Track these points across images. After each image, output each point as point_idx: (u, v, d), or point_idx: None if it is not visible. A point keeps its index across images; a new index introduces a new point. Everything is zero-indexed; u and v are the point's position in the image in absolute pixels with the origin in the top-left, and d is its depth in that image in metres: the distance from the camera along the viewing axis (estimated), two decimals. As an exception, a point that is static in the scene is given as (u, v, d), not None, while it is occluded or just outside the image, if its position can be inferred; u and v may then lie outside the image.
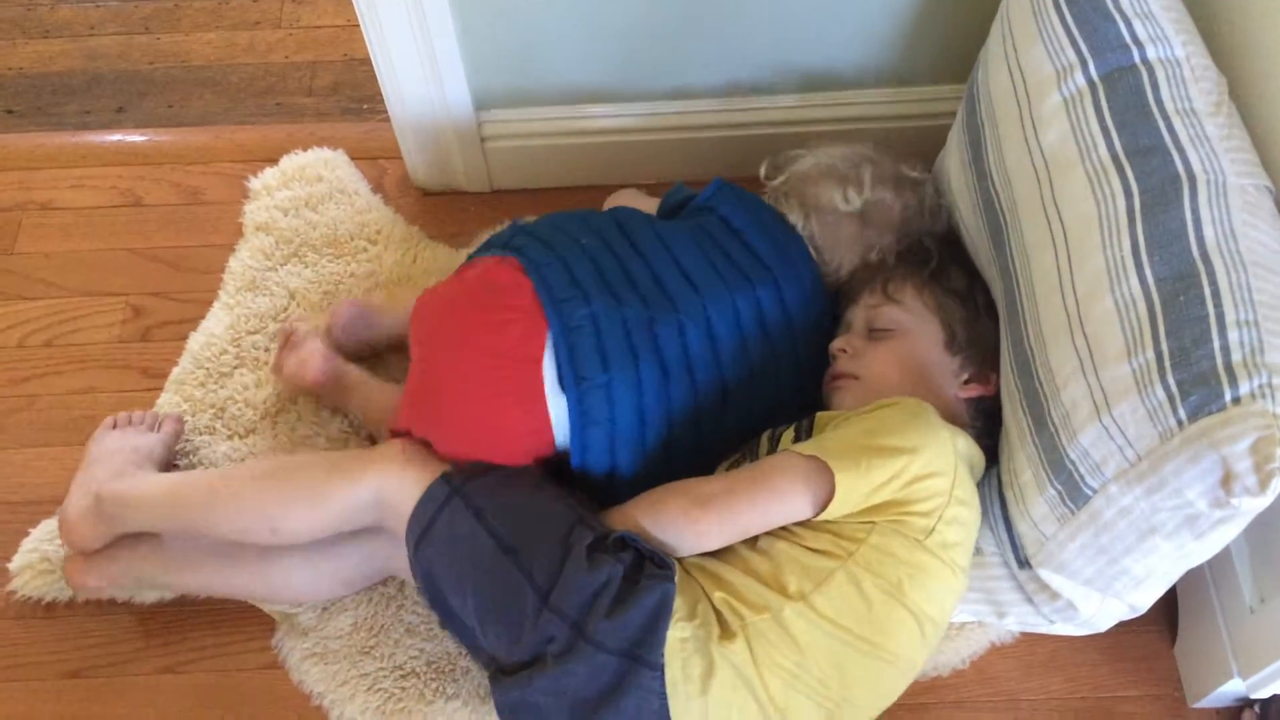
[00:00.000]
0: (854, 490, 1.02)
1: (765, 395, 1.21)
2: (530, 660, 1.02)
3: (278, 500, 1.15)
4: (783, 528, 1.06)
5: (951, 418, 1.14)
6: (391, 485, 1.12)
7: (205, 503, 1.18)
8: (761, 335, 1.20)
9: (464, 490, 1.10)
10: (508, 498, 1.10)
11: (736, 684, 0.98)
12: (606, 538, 1.04)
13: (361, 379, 1.34)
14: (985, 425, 1.18)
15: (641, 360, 1.14)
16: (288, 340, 1.37)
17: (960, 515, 1.06)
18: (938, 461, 1.04)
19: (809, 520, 1.05)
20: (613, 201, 1.47)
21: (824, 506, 1.02)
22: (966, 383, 1.19)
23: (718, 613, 1.01)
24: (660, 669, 0.97)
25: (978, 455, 1.14)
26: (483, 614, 1.06)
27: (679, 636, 0.99)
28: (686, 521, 1.06)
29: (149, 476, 1.25)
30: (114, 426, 1.32)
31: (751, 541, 1.07)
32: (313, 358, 1.33)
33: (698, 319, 1.17)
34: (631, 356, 1.13)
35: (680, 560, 1.06)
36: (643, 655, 0.97)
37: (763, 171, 1.37)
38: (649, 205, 1.39)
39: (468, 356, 1.14)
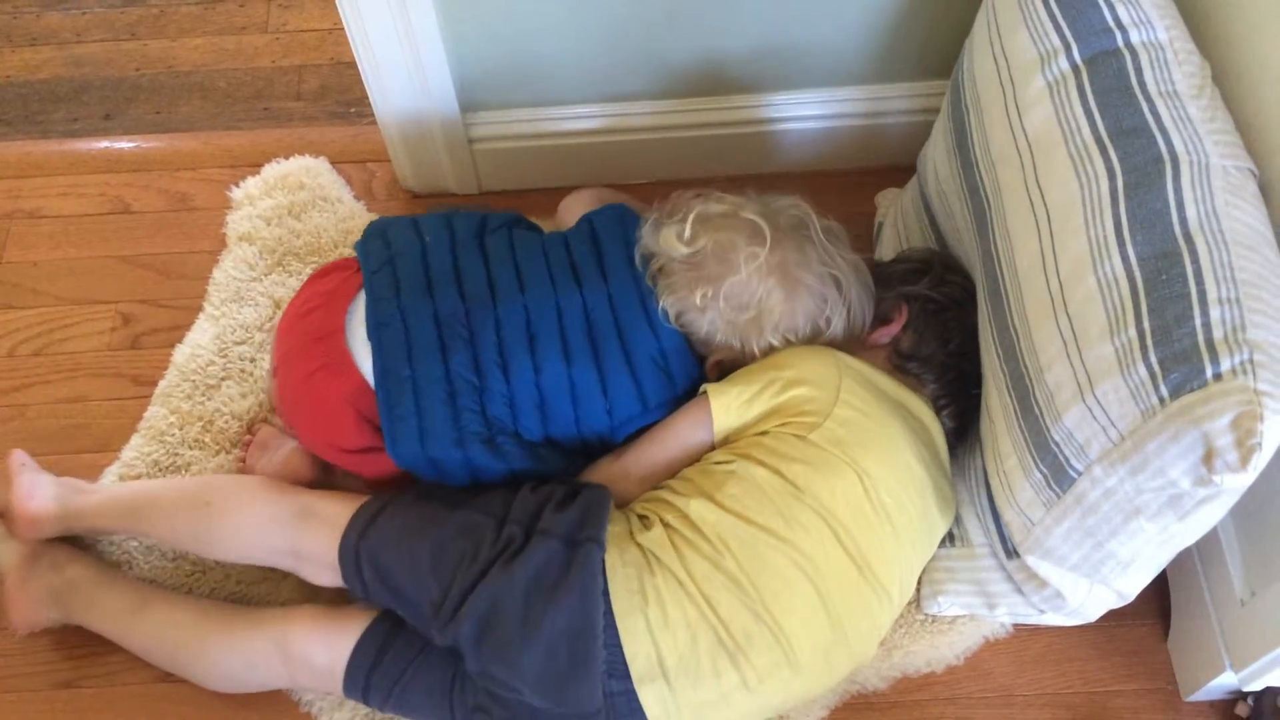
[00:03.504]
0: (727, 399, 1.13)
1: (590, 408, 1.17)
2: (484, 570, 1.06)
3: (219, 485, 1.24)
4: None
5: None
6: (322, 500, 1.18)
7: (157, 487, 1.26)
8: (586, 341, 1.17)
9: (408, 489, 1.18)
10: (445, 487, 1.18)
11: (664, 573, 1.05)
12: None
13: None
14: (918, 368, 1.20)
15: (450, 350, 1.15)
16: (255, 440, 1.37)
17: (852, 418, 1.10)
18: (813, 372, 1.13)
19: (714, 445, 1.16)
20: (569, 201, 1.44)
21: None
22: (873, 331, 1.23)
23: (641, 516, 1.11)
24: (603, 546, 1.05)
25: (885, 380, 1.17)
26: (437, 557, 1.09)
27: (614, 531, 1.08)
28: (607, 473, 1.18)
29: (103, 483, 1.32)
30: None
31: (674, 477, 1.17)
32: (296, 460, 1.30)
33: (515, 314, 1.17)
34: (439, 349, 1.15)
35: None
36: (586, 535, 1.06)
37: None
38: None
39: (289, 353, 1.22)
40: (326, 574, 1.15)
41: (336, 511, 1.15)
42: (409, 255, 1.22)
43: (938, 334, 1.21)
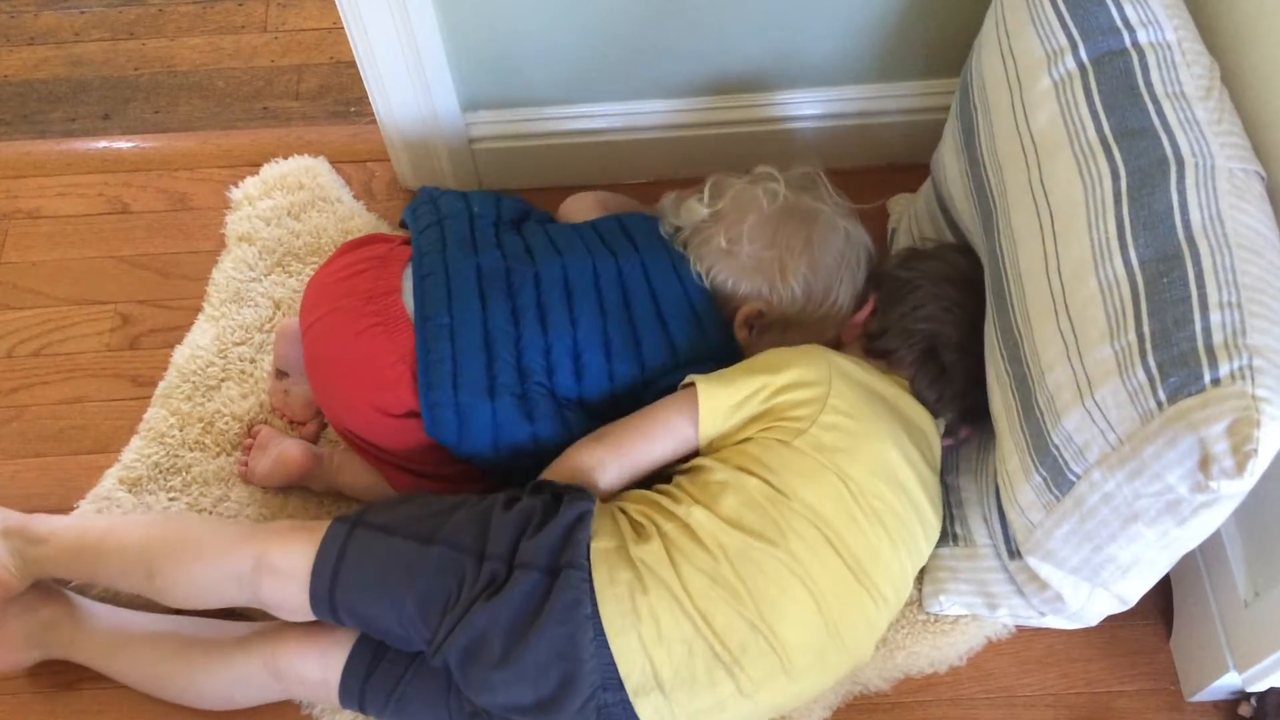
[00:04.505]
0: (717, 400, 1.11)
1: (625, 361, 1.20)
2: (469, 604, 1.04)
3: (160, 541, 1.16)
4: (682, 463, 1.15)
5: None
6: (274, 549, 1.10)
7: (100, 541, 1.18)
8: (621, 298, 1.22)
9: (363, 519, 1.11)
10: (409, 508, 1.12)
11: (660, 590, 1.03)
12: (520, 494, 1.11)
13: (346, 456, 1.32)
14: (886, 343, 1.20)
15: (490, 302, 1.18)
16: (256, 442, 1.35)
17: (838, 423, 1.10)
18: (808, 374, 1.12)
19: (699, 449, 1.14)
20: (571, 204, 1.47)
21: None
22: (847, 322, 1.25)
23: (636, 524, 1.08)
24: (586, 570, 1.03)
25: (877, 381, 1.16)
26: (422, 603, 1.05)
27: (603, 547, 1.05)
28: (586, 456, 1.14)
29: (53, 517, 1.24)
30: None
31: (663, 480, 1.15)
32: (290, 451, 1.31)
33: (553, 271, 1.22)
34: (479, 299, 1.19)
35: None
36: (566, 561, 1.03)
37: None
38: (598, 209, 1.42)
39: (334, 312, 1.20)
40: (298, 616, 1.12)
41: (293, 562, 1.09)
42: (457, 219, 1.27)
43: (900, 305, 1.21)
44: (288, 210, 1.57)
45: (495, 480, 1.23)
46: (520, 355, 1.17)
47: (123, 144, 1.69)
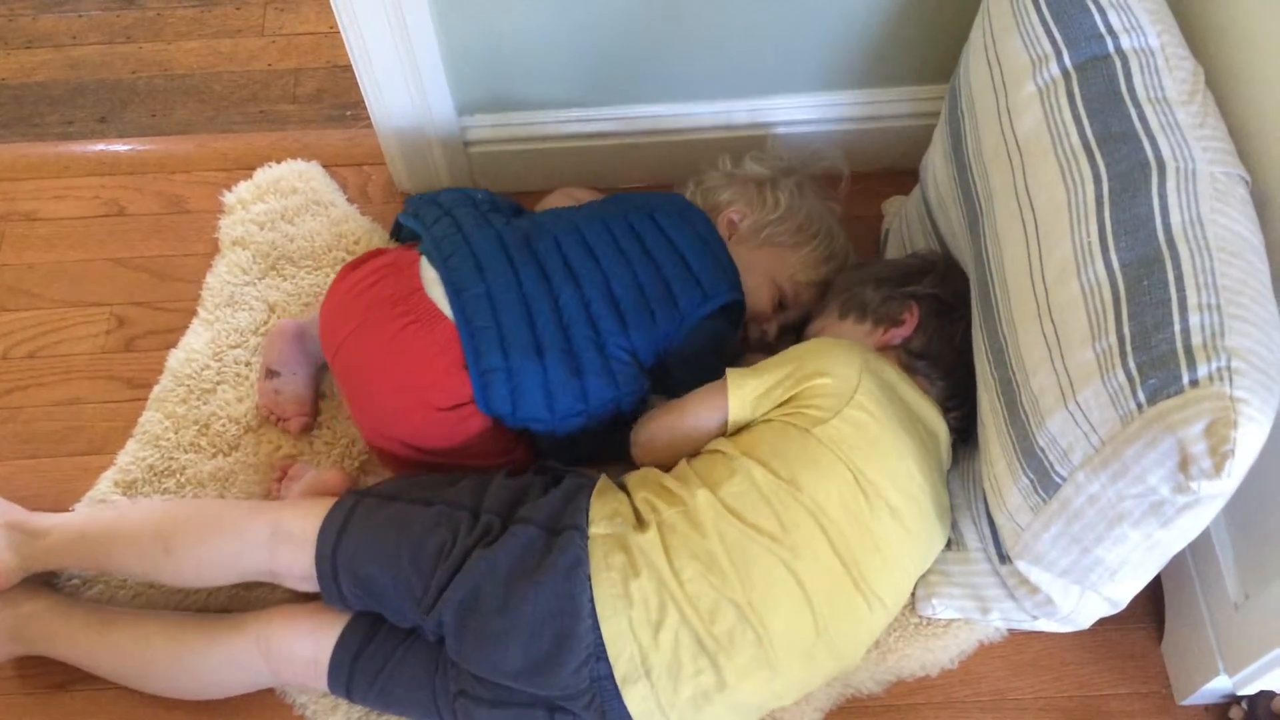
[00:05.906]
0: (744, 392, 1.14)
1: (662, 307, 1.26)
2: (464, 558, 1.07)
3: (176, 518, 1.19)
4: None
5: None
6: (288, 516, 1.16)
7: (111, 524, 1.20)
8: (639, 247, 1.28)
9: (371, 490, 1.18)
10: (414, 480, 1.18)
11: (651, 574, 1.05)
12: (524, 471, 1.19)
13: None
14: (927, 367, 1.22)
15: (519, 266, 1.24)
16: (288, 475, 1.34)
17: (860, 420, 1.11)
18: (837, 368, 1.14)
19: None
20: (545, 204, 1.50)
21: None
22: (885, 332, 1.24)
23: (637, 511, 1.11)
24: (584, 533, 1.07)
25: (905, 388, 1.17)
26: (417, 554, 1.09)
27: (600, 533, 1.08)
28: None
29: (55, 514, 1.26)
30: None
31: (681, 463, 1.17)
32: (329, 472, 1.30)
33: (570, 232, 1.28)
34: (509, 264, 1.24)
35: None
36: (567, 523, 1.08)
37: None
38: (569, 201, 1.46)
39: (365, 324, 1.22)
40: (306, 584, 1.15)
41: (306, 525, 1.14)
42: (463, 205, 1.33)
43: (946, 332, 1.22)
44: (281, 214, 1.57)
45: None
46: (560, 312, 1.22)
47: (119, 147, 1.69)
